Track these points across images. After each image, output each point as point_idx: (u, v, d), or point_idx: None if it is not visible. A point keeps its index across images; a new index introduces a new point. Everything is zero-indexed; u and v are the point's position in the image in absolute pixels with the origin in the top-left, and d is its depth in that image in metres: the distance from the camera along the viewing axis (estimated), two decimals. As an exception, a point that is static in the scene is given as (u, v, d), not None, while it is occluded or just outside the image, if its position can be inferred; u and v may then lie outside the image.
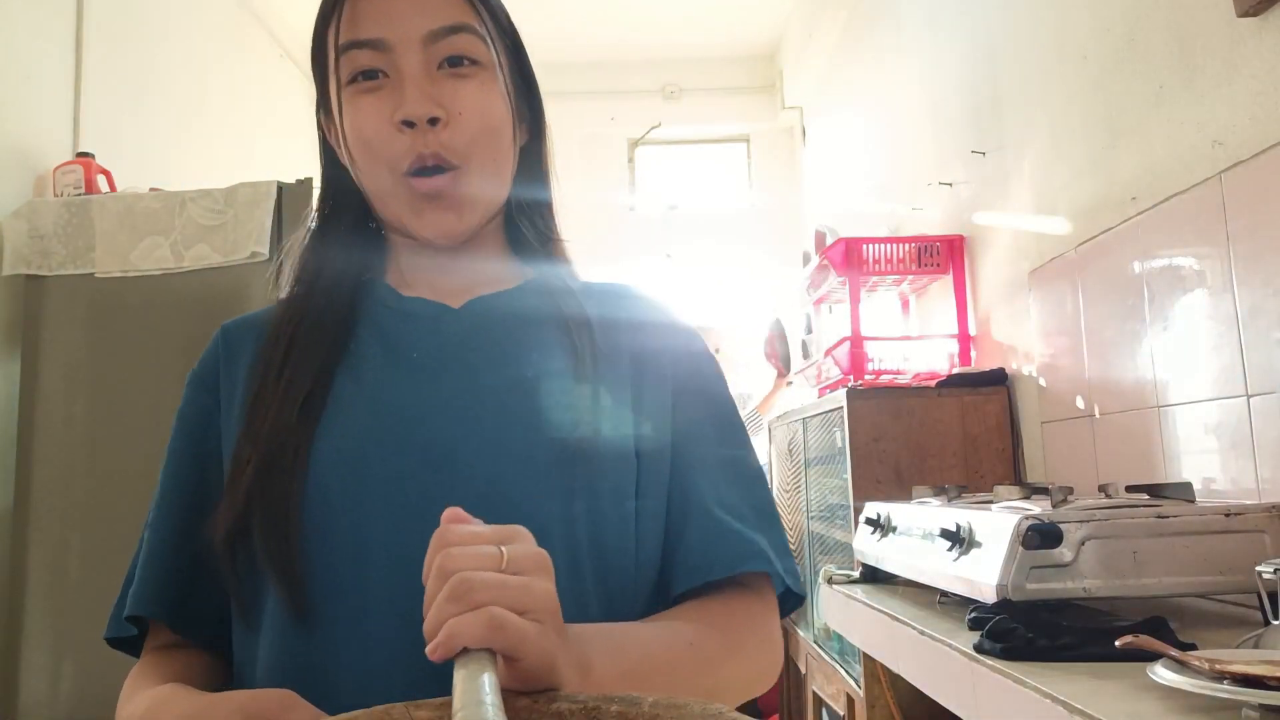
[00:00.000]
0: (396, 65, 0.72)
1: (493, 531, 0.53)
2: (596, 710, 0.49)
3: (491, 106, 0.74)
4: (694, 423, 0.76)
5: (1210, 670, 0.72)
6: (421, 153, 0.71)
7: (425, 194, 0.73)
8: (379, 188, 0.75)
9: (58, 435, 2.18)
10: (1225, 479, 1.40)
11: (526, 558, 0.52)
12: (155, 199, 2.25)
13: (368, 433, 0.69)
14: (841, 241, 2.49)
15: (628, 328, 0.79)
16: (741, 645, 0.70)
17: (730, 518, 0.72)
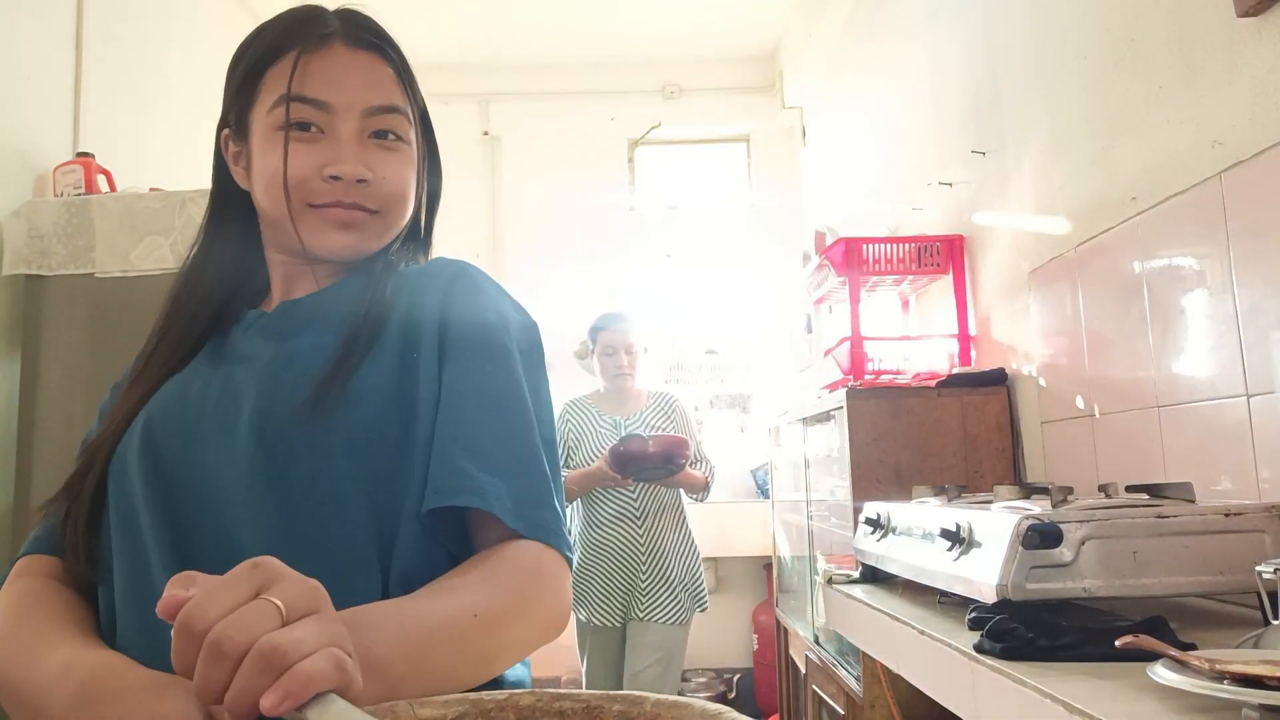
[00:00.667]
0: (334, 127, 0.82)
1: (245, 584, 0.50)
2: (599, 710, 0.50)
3: (406, 177, 0.86)
4: (457, 375, 0.78)
5: (1210, 670, 0.72)
6: (342, 200, 0.82)
7: (337, 221, 0.83)
8: (281, 215, 0.83)
9: (58, 435, 2.18)
10: (1225, 479, 1.40)
11: (300, 596, 0.50)
12: (155, 199, 2.25)
13: (145, 428, 0.78)
14: (841, 241, 2.49)
15: (411, 304, 0.83)
16: (526, 603, 0.71)
17: (461, 453, 0.73)
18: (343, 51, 0.84)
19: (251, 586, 0.50)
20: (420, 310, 0.82)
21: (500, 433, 0.76)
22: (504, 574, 0.71)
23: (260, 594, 0.50)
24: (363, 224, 0.84)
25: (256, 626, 0.47)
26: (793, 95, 4.49)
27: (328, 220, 0.83)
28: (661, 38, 4.57)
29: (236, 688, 0.46)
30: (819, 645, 2.53)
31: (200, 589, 0.49)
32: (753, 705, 4.22)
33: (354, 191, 0.82)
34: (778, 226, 4.70)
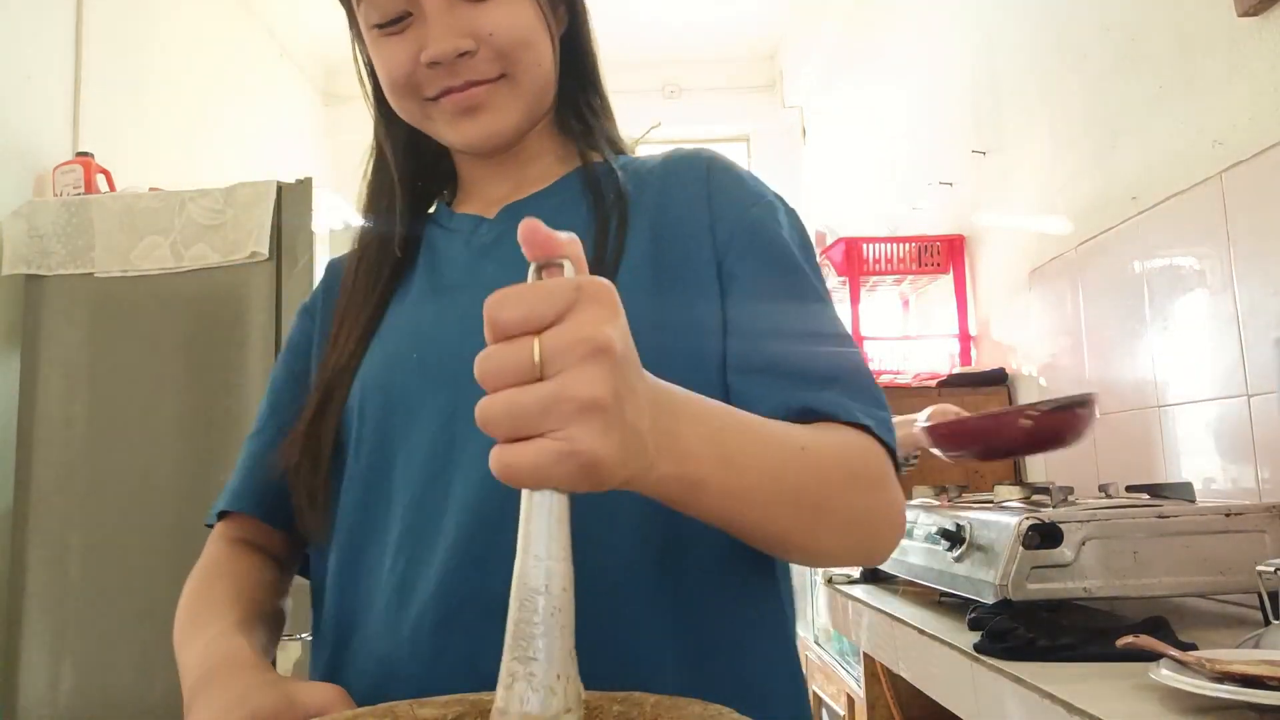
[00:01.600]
0: (417, 2, 0.70)
1: (538, 303, 0.41)
2: (599, 710, 0.48)
3: (520, 18, 0.71)
4: (748, 285, 0.69)
5: (1210, 670, 0.72)
6: (451, 85, 0.70)
7: (459, 109, 0.71)
8: (410, 115, 0.74)
9: (57, 435, 2.17)
10: (1225, 479, 1.40)
11: (566, 347, 0.40)
12: (155, 199, 2.25)
13: (394, 358, 0.71)
14: (842, 241, 2.49)
15: (667, 202, 0.73)
16: (858, 477, 0.59)
17: (775, 379, 0.64)
18: None
19: (545, 309, 0.41)
20: (680, 214, 0.72)
21: (814, 344, 0.67)
22: (843, 438, 0.60)
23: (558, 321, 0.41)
24: (490, 99, 0.71)
25: (500, 376, 0.41)
26: (793, 95, 4.49)
27: (448, 113, 0.72)
28: (662, 37, 4.57)
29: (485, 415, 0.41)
30: (819, 645, 2.53)
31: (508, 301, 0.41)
32: (753, 705, 4.21)
33: (461, 70, 0.70)
34: (778, 226, 4.69)
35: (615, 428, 0.41)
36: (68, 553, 2.13)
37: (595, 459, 0.40)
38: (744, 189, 0.74)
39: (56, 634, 2.10)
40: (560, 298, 0.41)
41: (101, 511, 2.13)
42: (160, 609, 2.09)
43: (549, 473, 0.40)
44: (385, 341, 0.73)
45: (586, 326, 0.41)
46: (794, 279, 0.70)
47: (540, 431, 0.40)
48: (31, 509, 2.15)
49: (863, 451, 0.61)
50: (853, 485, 0.59)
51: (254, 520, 0.78)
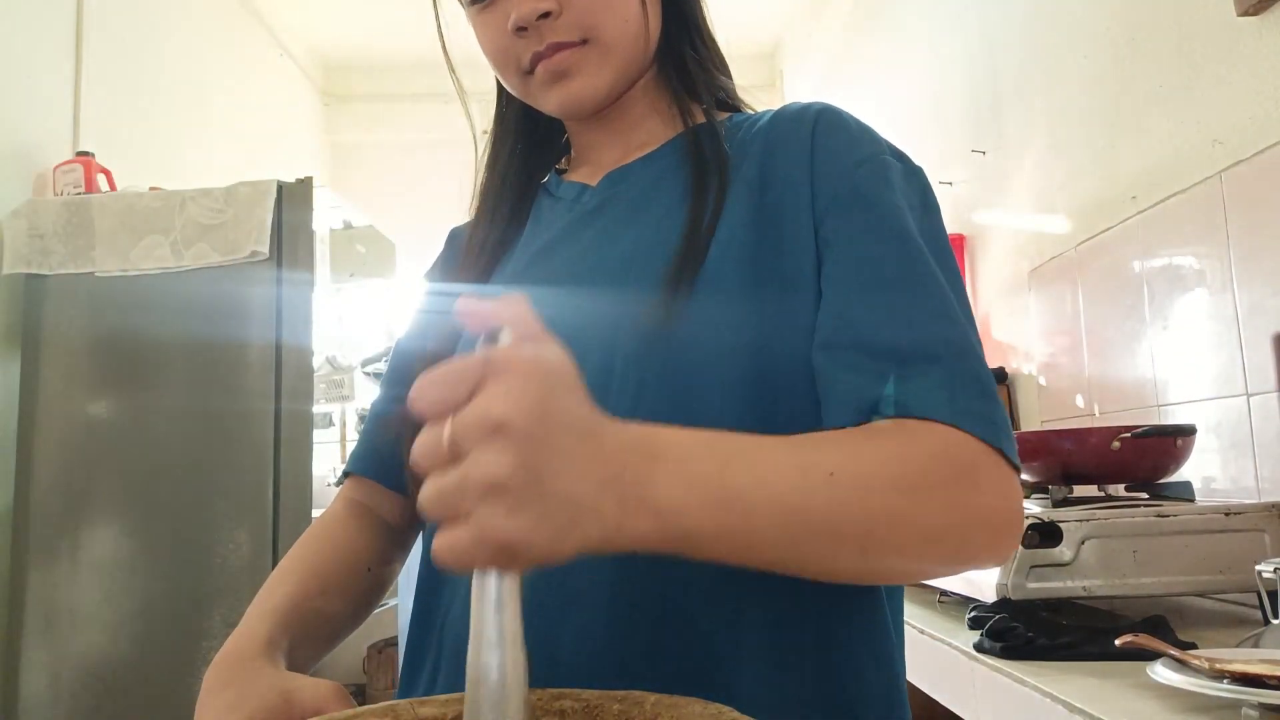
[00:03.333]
0: None
1: (447, 387, 0.41)
2: (599, 709, 0.48)
3: None
4: (844, 252, 0.63)
5: (1210, 669, 0.72)
6: (538, 50, 0.69)
7: (549, 76, 0.70)
8: (514, 88, 0.75)
9: (58, 435, 2.18)
10: (1225, 478, 1.40)
11: (467, 429, 0.40)
12: (155, 198, 2.25)
13: None
14: (841, 241, 2.49)
15: (770, 166, 0.68)
16: (918, 489, 0.51)
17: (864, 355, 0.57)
18: None
19: (459, 389, 0.41)
20: (782, 179, 0.67)
21: (912, 318, 0.58)
22: (897, 444, 0.53)
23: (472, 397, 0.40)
24: (577, 63, 0.70)
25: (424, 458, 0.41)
26: (793, 94, 4.49)
27: (541, 82, 0.71)
28: (661, 37, 4.56)
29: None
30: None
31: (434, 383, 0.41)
32: (753, 704, 4.21)
33: (545, 32, 0.68)
34: (778, 226, 4.70)
35: (528, 504, 0.39)
36: (68, 552, 2.13)
37: (504, 540, 0.39)
38: (853, 146, 0.67)
39: (57, 630, 2.10)
40: (468, 376, 0.41)
41: (101, 510, 2.13)
42: (160, 608, 2.09)
43: (470, 556, 0.40)
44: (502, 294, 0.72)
45: (484, 405, 0.40)
46: (899, 245, 0.62)
47: (459, 515, 0.40)
48: (32, 508, 2.15)
49: (934, 455, 0.53)
50: (914, 498, 0.50)
51: (372, 483, 0.78)
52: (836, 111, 0.70)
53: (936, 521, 0.51)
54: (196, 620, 2.08)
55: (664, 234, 0.65)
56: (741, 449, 0.49)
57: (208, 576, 2.09)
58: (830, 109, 0.70)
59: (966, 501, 0.52)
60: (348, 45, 4.43)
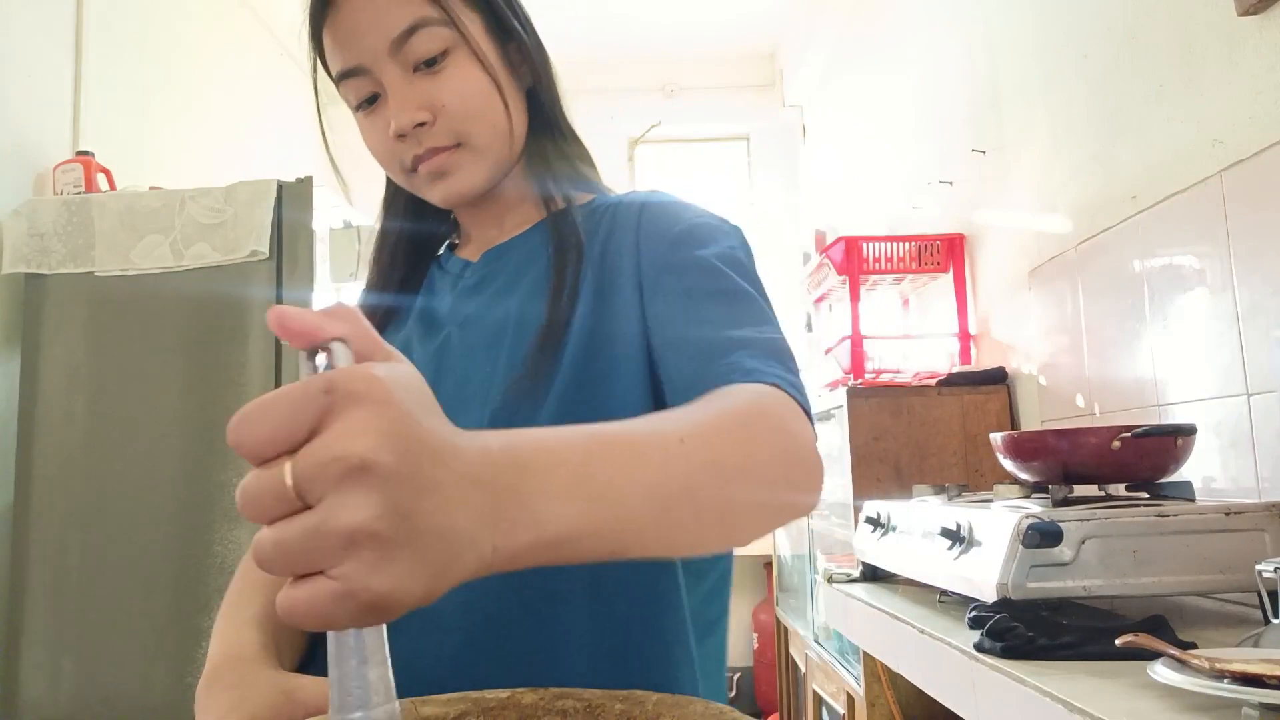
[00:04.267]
0: (381, 84, 0.78)
1: (283, 416, 0.35)
2: (601, 708, 0.49)
3: (472, 88, 0.78)
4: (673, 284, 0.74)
5: (1210, 669, 0.72)
6: (417, 154, 0.78)
7: (430, 175, 0.79)
8: (399, 181, 0.84)
9: (58, 434, 2.18)
10: (1225, 478, 1.40)
11: (319, 469, 0.34)
12: (155, 197, 2.25)
13: None
14: (841, 240, 2.49)
15: (606, 252, 0.79)
16: (755, 425, 0.56)
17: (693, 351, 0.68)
18: (345, 7, 0.76)
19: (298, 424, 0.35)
20: (615, 264, 0.77)
21: (731, 321, 0.69)
22: (722, 402, 0.58)
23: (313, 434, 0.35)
24: (454, 164, 0.79)
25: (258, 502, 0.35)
26: (793, 94, 4.49)
27: (422, 179, 0.80)
28: (661, 36, 4.57)
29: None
30: (819, 644, 2.53)
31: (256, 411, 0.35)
32: (753, 704, 4.22)
33: (423, 138, 0.77)
34: (778, 225, 4.70)
35: (399, 551, 0.34)
36: (68, 551, 2.13)
37: (376, 596, 0.34)
38: (670, 217, 0.79)
39: (57, 632, 2.10)
40: (310, 405, 0.34)
41: (102, 510, 2.13)
42: (161, 607, 2.09)
43: (330, 616, 0.34)
44: None
45: (339, 440, 0.34)
46: (713, 275, 0.73)
47: (314, 569, 0.34)
48: (32, 507, 2.15)
49: (759, 408, 0.58)
50: (749, 444, 0.54)
51: None
52: (663, 196, 0.83)
53: (769, 460, 0.55)
54: (196, 620, 2.08)
55: (533, 306, 0.75)
56: (602, 439, 0.47)
57: (207, 576, 2.09)
58: (659, 195, 0.83)
59: (786, 444, 0.58)
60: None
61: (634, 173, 4.90)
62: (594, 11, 4.27)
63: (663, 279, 0.74)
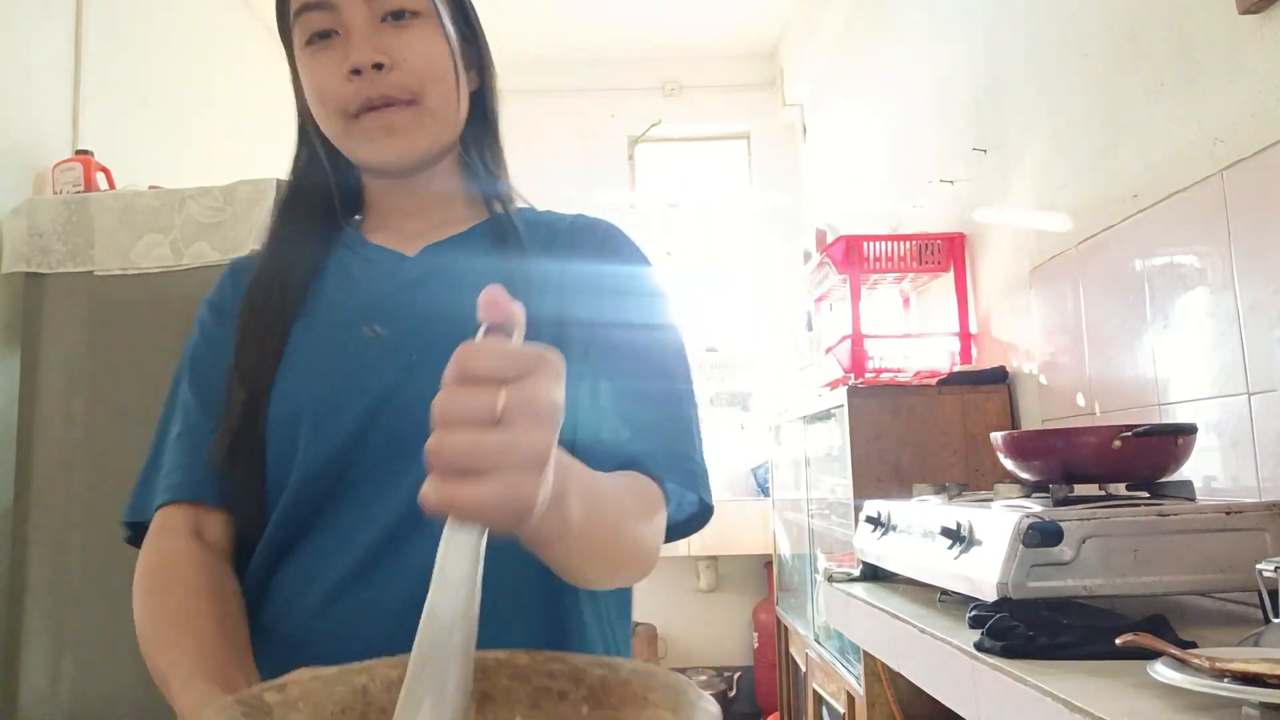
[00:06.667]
0: (343, 22, 0.79)
1: (508, 361, 0.45)
2: (583, 673, 0.54)
3: (433, 51, 0.80)
4: (612, 355, 0.79)
5: (1211, 668, 0.72)
6: (369, 95, 0.78)
7: (377, 127, 0.79)
8: (333, 132, 0.82)
9: (57, 433, 2.18)
10: (1226, 477, 1.40)
11: (526, 404, 0.44)
12: (155, 196, 2.25)
13: (319, 377, 0.78)
14: (842, 239, 2.49)
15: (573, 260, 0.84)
16: (649, 520, 0.71)
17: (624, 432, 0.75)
18: None
19: (512, 367, 0.45)
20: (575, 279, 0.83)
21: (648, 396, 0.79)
22: (646, 498, 0.72)
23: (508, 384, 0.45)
24: (404, 123, 0.80)
25: (463, 412, 0.44)
26: (793, 93, 4.49)
27: (369, 129, 0.80)
28: (662, 35, 4.57)
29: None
30: (819, 643, 2.53)
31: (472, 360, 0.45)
32: (753, 703, 4.22)
33: (378, 82, 0.78)
34: (778, 224, 4.70)
35: (545, 479, 0.45)
36: (68, 550, 2.13)
37: (530, 504, 0.44)
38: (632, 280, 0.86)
39: (57, 632, 2.10)
40: (526, 361, 0.45)
41: (101, 509, 2.13)
42: (160, 607, 2.09)
43: (487, 510, 0.43)
44: (308, 357, 0.79)
45: (547, 391, 0.45)
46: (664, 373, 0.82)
47: (488, 472, 0.43)
48: (31, 506, 2.15)
49: (659, 512, 0.73)
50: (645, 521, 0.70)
51: (196, 506, 0.79)
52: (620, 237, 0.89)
53: (646, 542, 0.70)
54: (196, 619, 2.08)
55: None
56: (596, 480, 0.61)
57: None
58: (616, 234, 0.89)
59: (657, 531, 0.72)
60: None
61: (634, 171, 4.90)
62: (594, 11, 4.27)
63: (623, 355, 0.80)
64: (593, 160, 4.76)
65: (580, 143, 4.71)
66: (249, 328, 0.81)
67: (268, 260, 0.86)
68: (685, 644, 4.43)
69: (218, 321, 0.86)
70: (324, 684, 0.52)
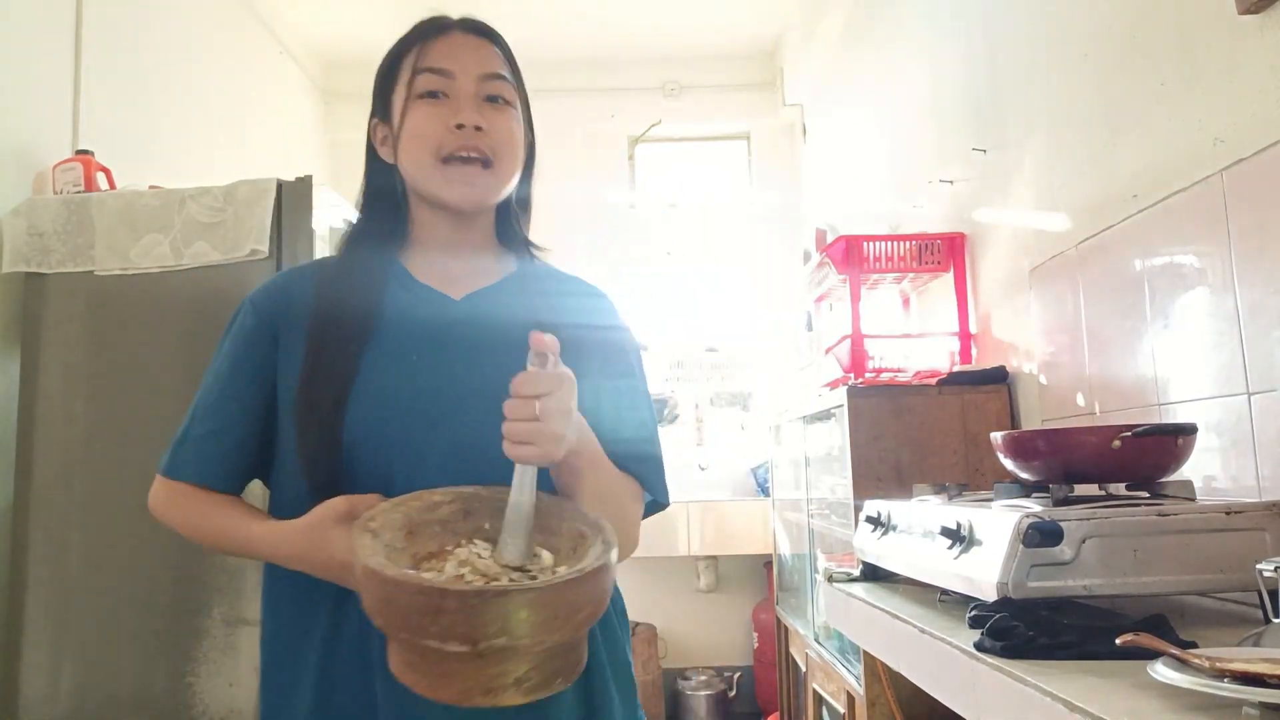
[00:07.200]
0: (455, 89, 1.03)
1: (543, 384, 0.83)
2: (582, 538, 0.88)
3: (514, 131, 1.06)
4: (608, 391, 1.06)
5: (1211, 668, 0.72)
6: (465, 143, 1.01)
7: (460, 177, 1.02)
8: (421, 167, 1.03)
9: (58, 433, 2.18)
10: (1226, 477, 1.40)
11: (552, 408, 0.83)
12: (155, 196, 2.25)
13: (392, 396, 0.98)
14: (842, 239, 2.49)
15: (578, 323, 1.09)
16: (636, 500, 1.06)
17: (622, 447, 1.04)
18: (459, 36, 1.06)
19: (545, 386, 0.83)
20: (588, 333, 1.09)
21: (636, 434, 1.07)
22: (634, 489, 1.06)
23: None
24: (482, 181, 1.03)
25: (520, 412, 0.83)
26: (793, 93, 4.49)
27: (452, 176, 1.02)
28: (662, 35, 4.57)
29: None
30: (819, 643, 2.53)
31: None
32: (753, 703, 4.22)
33: (474, 138, 1.01)
34: (778, 224, 4.70)
35: (565, 443, 0.86)
36: (68, 549, 2.13)
37: (556, 457, 0.85)
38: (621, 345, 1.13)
39: (57, 630, 2.11)
40: (554, 381, 0.84)
41: (102, 508, 2.13)
42: (160, 606, 2.09)
43: (533, 460, 0.84)
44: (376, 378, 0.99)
45: (563, 400, 0.85)
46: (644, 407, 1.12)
47: (534, 442, 0.83)
48: (32, 506, 2.15)
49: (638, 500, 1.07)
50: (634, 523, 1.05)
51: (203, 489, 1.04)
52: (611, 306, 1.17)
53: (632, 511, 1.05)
54: (196, 619, 2.08)
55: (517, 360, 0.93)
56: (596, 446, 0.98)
57: (206, 576, 2.09)
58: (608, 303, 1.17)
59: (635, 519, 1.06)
60: (347, 44, 4.43)
61: (634, 171, 4.90)
62: (594, 11, 4.27)
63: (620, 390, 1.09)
64: (593, 160, 4.77)
65: (581, 142, 4.72)
66: (321, 354, 0.99)
67: (336, 290, 1.04)
68: (685, 644, 4.43)
69: (259, 325, 1.05)
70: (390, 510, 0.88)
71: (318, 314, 1.01)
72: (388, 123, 1.06)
